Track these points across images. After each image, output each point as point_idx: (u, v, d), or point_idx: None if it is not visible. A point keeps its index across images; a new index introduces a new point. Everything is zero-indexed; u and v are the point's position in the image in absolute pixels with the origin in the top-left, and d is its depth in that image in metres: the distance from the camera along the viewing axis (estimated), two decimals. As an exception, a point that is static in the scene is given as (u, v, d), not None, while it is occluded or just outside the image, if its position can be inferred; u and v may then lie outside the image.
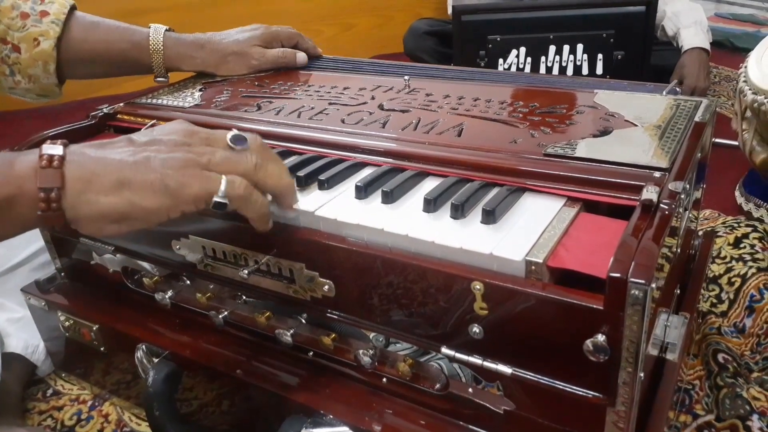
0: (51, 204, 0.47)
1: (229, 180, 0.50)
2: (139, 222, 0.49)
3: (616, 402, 0.45)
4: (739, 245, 1.00)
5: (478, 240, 0.49)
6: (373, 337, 0.59)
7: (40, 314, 0.83)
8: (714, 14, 2.75)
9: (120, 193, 0.48)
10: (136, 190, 0.48)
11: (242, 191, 0.50)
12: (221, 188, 0.49)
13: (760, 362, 0.83)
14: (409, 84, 0.80)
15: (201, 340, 0.69)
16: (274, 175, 0.53)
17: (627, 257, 0.42)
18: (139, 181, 0.48)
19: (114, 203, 0.48)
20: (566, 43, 1.53)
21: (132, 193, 0.48)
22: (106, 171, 0.48)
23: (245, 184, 0.50)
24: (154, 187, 0.48)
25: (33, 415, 0.84)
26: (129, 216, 0.48)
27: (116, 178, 0.48)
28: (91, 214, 0.48)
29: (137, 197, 0.48)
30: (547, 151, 0.58)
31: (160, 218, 0.49)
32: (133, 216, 0.48)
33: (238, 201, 0.50)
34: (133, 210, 0.48)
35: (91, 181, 0.48)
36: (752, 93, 1.01)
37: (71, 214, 0.48)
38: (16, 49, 0.81)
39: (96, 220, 0.48)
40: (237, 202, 0.50)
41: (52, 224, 0.48)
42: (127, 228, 0.49)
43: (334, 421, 0.57)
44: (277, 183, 0.53)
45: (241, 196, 0.50)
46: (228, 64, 0.89)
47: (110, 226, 0.49)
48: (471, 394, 0.54)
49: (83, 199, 0.47)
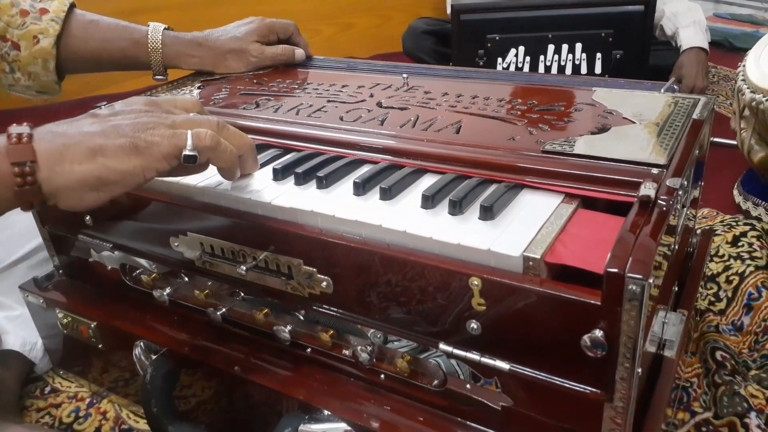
0: (26, 178, 0.48)
1: (195, 132, 0.52)
2: (118, 186, 0.51)
3: (614, 398, 0.46)
4: (737, 244, 1.00)
5: (475, 236, 0.49)
6: (371, 333, 0.59)
7: (38, 311, 0.83)
8: (713, 14, 2.75)
9: (94, 160, 0.49)
10: (109, 155, 0.50)
11: (209, 142, 0.53)
12: (188, 141, 0.52)
13: (758, 360, 0.83)
14: (407, 82, 0.80)
15: (199, 337, 0.69)
16: (237, 135, 0.57)
17: (624, 253, 0.42)
18: (110, 146, 0.50)
19: (90, 169, 0.49)
20: (565, 43, 1.53)
21: (105, 159, 0.50)
22: (76, 141, 0.50)
23: (211, 134, 0.53)
24: (125, 150, 0.50)
25: (31, 412, 0.84)
26: (107, 180, 0.50)
27: (88, 146, 0.50)
28: (69, 184, 0.49)
29: (111, 161, 0.50)
30: (545, 148, 0.58)
31: (137, 179, 0.51)
32: (111, 180, 0.50)
33: (207, 151, 0.53)
34: (110, 174, 0.50)
35: (63, 152, 0.49)
36: (750, 92, 1.02)
37: (48, 188, 0.49)
38: (16, 47, 0.81)
39: (74, 189, 0.50)
40: (206, 152, 0.53)
41: (30, 201, 0.49)
42: (106, 194, 0.51)
43: (332, 418, 0.57)
44: (240, 142, 0.57)
45: (209, 147, 0.53)
46: (226, 62, 0.89)
47: (89, 193, 0.50)
48: (469, 390, 0.54)
49: (58, 170, 0.49)
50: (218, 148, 0.54)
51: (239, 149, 0.57)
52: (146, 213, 0.67)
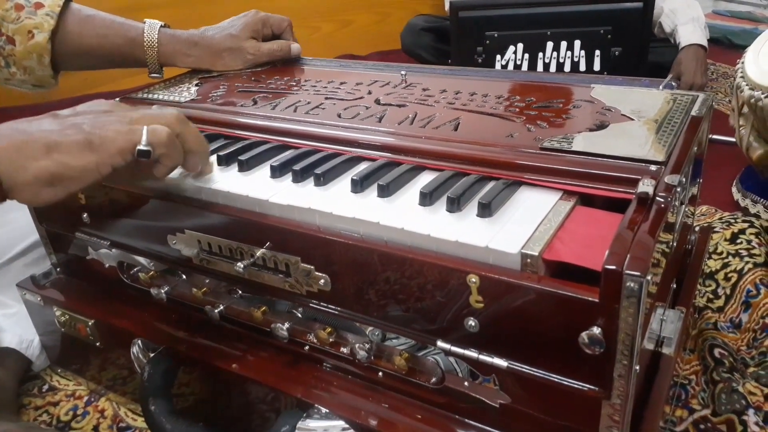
0: None
1: (151, 128, 0.53)
2: (73, 182, 0.52)
3: (612, 395, 0.45)
4: (736, 241, 1.00)
5: (473, 233, 0.48)
6: (369, 331, 0.59)
7: (36, 309, 0.83)
8: (711, 11, 2.75)
9: (50, 156, 0.50)
10: (64, 151, 0.51)
11: (164, 137, 0.54)
12: (143, 137, 0.53)
13: (756, 357, 0.83)
14: (405, 79, 0.80)
15: (197, 335, 0.69)
16: (194, 133, 0.58)
17: (622, 250, 0.42)
18: (66, 143, 0.51)
19: (45, 166, 0.50)
20: (564, 40, 1.53)
21: (60, 155, 0.51)
22: (33, 138, 0.51)
23: (167, 131, 0.54)
24: (80, 145, 0.51)
25: (28, 410, 0.84)
26: (62, 176, 0.51)
27: (44, 143, 0.51)
28: (25, 179, 0.50)
29: (66, 157, 0.51)
30: (544, 145, 0.58)
31: (92, 175, 0.52)
32: (66, 176, 0.51)
33: (161, 147, 0.54)
34: (65, 170, 0.51)
35: (20, 148, 0.50)
36: (749, 89, 1.01)
37: (7, 183, 0.50)
38: (11, 41, 0.80)
39: (30, 185, 0.50)
40: (160, 148, 0.54)
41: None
42: (62, 191, 0.52)
43: (329, 415, 0.57)
44: (195, 141, 0.58)
45: (163, 143, 0.54)
46: (223, 60, 0.89)
47: (45, 189, 0.51)
48: (467, 387, 0.54)
49: (16, 165, 0.50)
50: (173, 144, 0.55)
51: (194, 146, 0.58)
52: (144, 210, 0.67)
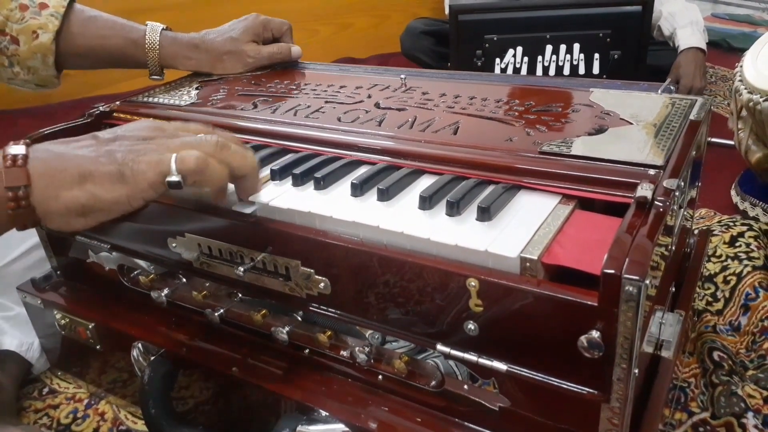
0: (20, 202, 0.47)
1: (179, 157, 0.50)
2: (103, 213, 0.50)
3: (611, 398, 0.46)
4: (735, 244, 1.00)
5: (473, 237, 0.49)
6: (369, 334, 0.59)
7: (36, 312, 0.83)
8: (710, 14, 2.76)
9: (82, 186, 0.49)
10: (97, 182, 0.49)
11: (194, 164, 0.50)
12: (171, 166, 0.49)
13: (755, 360, 0.83)
14: (405, 83, 0.80)
15: (197, 338, 0.69)
16: (238, 155, 0.53)
17: (621, 254, 0.42)
18: (99, 174, 0.49)
19: (77, 197, 0.49)
20: (563, 43, 1.53)
21: (93, 186, 0.49)
22: (67, 166, 0.49)
23: (196, 155, 0.50)
24: (112, 178, 0.49)
25: (29, 413, 0.84)
26: (93, 208, 0.49)
27: (78, 172, 0.49)
28: (57, 209, 0.49)
29: (98, 189, 0.49)
30: (543, 149, 0.58)
31: (123, 208, 0.50)
32: (97, 208, 0.49)
33: (192, 175, 0.50)
34: (96, 202, 0.49)
35: (54, 176, 0.48)
36: (748, 92, 1.02)
37: (40, 210, 0.49)
38: (15, 41, 0.81)
39: (63, 215, 0.49)
40: (192, 176, 0.50)
41: (23, 222, 0.49)
42: (93, 221, 0.50)
43: (329, 419, 0.57)
44: (241, 164, 0.53)
45: (193, 169, 0.50)
46: (223, 63, 0.89)
47: (77, 219, 0.50)
48: (466, 391, 0.54)
49: (48, 194, 0.48)
50: (206, 170, 0.51)
51: (239, 169, 0.53)
52: (144, 214, 0.66)
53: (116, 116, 0.80)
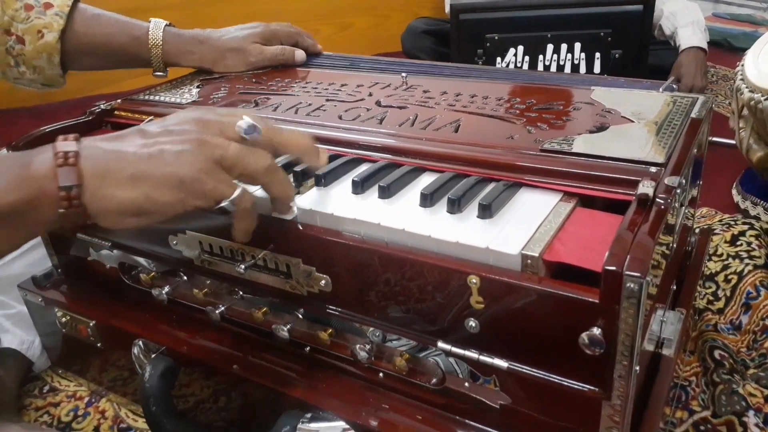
0: (72, 201, 0.47)
1: (241, 193, 0.50)
2: (156, 215, 0.49)
3: (612, 396, 0.46)
4: (736, 243, 1.00)
5: (474, 234, 0.49)
6: (370, 332, 0.59)
7: (37, 310, 0.83)
8: (712, 14, 2.76)
9: (137, 187, 0.48)
10: (152, 184, 0.48)
11: (248, 205, 0.51)
12: (233, 197, 0.50)
13: (756, 359, 0.83)
14: (406, 81, 0.80)
15: (198, 336, 0.69)
16: (281, 183, 0.54)
17: (622, 251, 0.42)
18: (155, 175, 0.48)
19: (131, 197, 0.48)
20: (564, 42, 1.53)
21: (148, 188, 0.48)
22: (121, 165, 0.48)
23: (253, 200, 0.52)
24: (169, 182, 0.48)
25: (29, 411, 0.84)
26: (146, 210, 0.49)
27: (132, 172, 0.48)
28: (111, 208, 0.48)
29: (153, 191, 0.48)
30: (544, 146, 0.58)
31: (176, 211, 0.49)
32: (151, 210, 0.49)
33: (241, 213, 0.52)
34: (150, 204, 0.48)
35: (107, 175, 0.48)
36: (749, 91, 1.02)
37: (92, 209, 0.48)
38: (21, 41, 0.81)
39: (115, 214, 0.48)
40: (240, 213, 0.52)
41: (74, 221, 0.48)
42: (146, 221, 0.49)
43: (330, 416, 0.57)
44: (280, 191, 0.54)
45: (246, 210, 0.52)
46: (226, 60, 0.89)
47: (129, 219, 0.49)
48: (467, 388, 0.54)
49: (101, 193, 0.47)
50: (252, 214, 0.52)
51: (278, 196, 0.54)
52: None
53: (117, 114, 0.81)
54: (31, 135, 0.73)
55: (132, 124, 0.75)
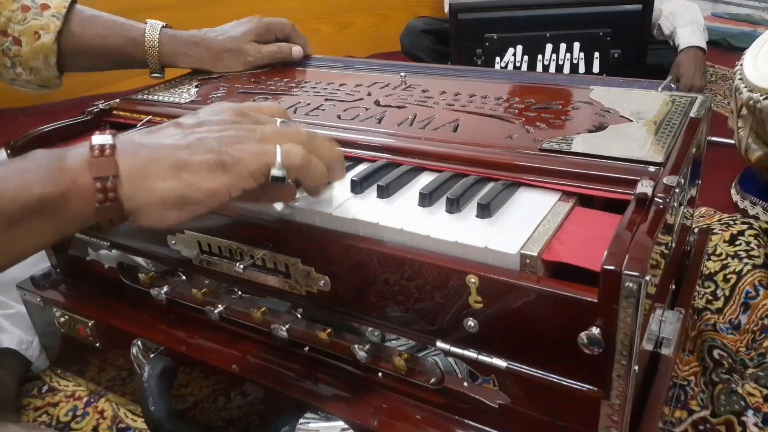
0: (108, 194, 0.45)
1: (285, 150, 0.48)
2: (201, 205, 0.47)
3: (611, 395, 0.46)
4: (735, 242, 1.00)
5: (473, 234, 0.49)
6: (369, 331, 0.59)
7: (36, 310, 0.83)
8: (711, 14, 2.76)
9: (178, 176, 0.46)
10: (194, 171, 0.46)
11: (300, 160, 0.48)
12: (278, 159, 0.47)
13: (755, 358, 0.83)
14: (405, 80, 0.80)
15: (197, 336, 0.69)
16: (327, 146, 0.52)
17: (621, 250, 0.42)
18: (195, 162, 0.46)
19: (173, 187, 0.46)
20: (563, 42, 1.53)
21: (190, 175, 0.46)
22: (160, 155, 0.46)
23: (302, 152, 0.49)
24: (211, 167, 0.46)
25: (28, 411, 0.84)
26: (190, 199, 0.47)
27: (172, 161, 0.46)
28: (151, 201, 0.46)
29: (195, 178, 0.46)
30: (543, 146, 0.58)
31: (222, 198, 0.47)
32: (195, 199, 0.47)
33: (296, 171, 0.49)
34: (194, 192, 0.46)
35: (146, 167, 0.46)
36: (748, 91, 1.02)
37: (130, 204, 0.46)
38: (17, 42, 0.81)
39: (157, 207, 0.46)
40: (295, 171, 0.49)
41: (110, 217, 0.46)
42: (189, 213, 0.47)
43: (329, 416, 0.57)
44: (329, 153, 0.52)
45: (299, 165, 0.49)
46: (223, 61, 0.89)
47: (172, 212, 0.47)
48: (466, 388, 0.54)
49: (141, 186, 0.46)
50: (309, 166, 0.49)
51: (328, 159, 0.52)
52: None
53: (116, 114, 0.80)
54: (30, 134, 0.73)
55: (130, 124, 0.76)
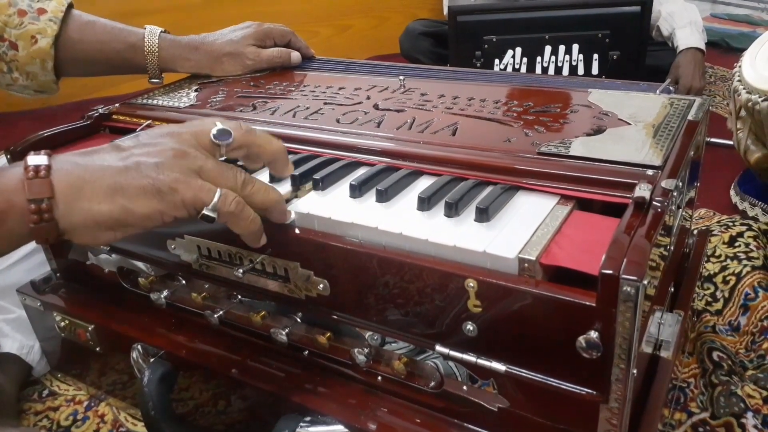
0: (43, 215, 0.46)
1: (223, 194, 0.49)
2: (133, 228, 0.48)
3: (610, 399, 0.46)
4: (734, 244, 1.00)
5: (471, 238, 0.49)
6: (369, 335, 0.59)
7: (36, 314, 0.83)
8: (710, 14, 2.76)
9: (113, 200, 0.47)
10: (129, 196, 0.47)
11: (233, 208, 0.49)
12: (214, 200, 0.48)
13: (754, 360, 0.83)
14: (404, 84, 0.80)
15: (196, 340, 0.69)
16: (261, 191, 0.52)
17: (619, 254, 0.43)
18: (132, 187, 0.47)
19: (108, 210, 0.47)
20: (562, 44, 1.53)
21: (125, 199, 0.47)
22: (95, 177, 0.47)
23: (237, 200, 0.50)
24: (146, 192, 0.47)
25: (29, 415, 0.84)
26: (124, 222, 0.48)
27: (108, 184, 0.47)
28: (86, 223, 0.47)
29: (131, 203, 0.47)
30: (541, 149, 0.58)
31: (154, 223, 0.48)
32: (128, 222, 0.48)
33: (226, 216, 0.50)
34: (128, 216, 0.47)
35: (82, 188, 0.47)
36: (746, 92, 1.02)
37: (64, 224, 0.47)
38: (14, 47, 0.81)
39: (91, 228, 0.47)
40: (226, 217, 0.50)
41: (45, 237, 0.47)
42: (122, 234, 0.49)
43: (329, 420, 0.57)
44: (264, 199, 0.52)
45: (231, 213, 0.49)
46: (222, 65, 0.89)
47: (105, 233, 0.48)
48: (465, 392, 0.54)
49: (75, 207, 0.46)
50: (240, 215, 0.50)
51: (262, 205, 0.52)
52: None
53: (115, 118, 0.81)
54: (30, 139, 0.74)
55: (130, 129, 0.76)
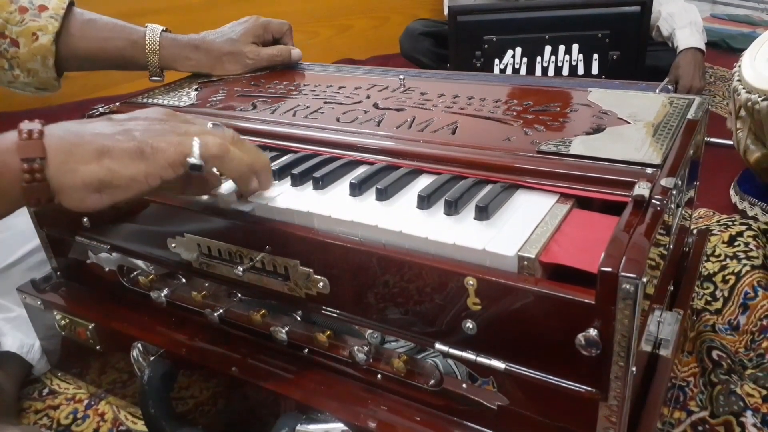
0: (35, 174, 0.47)
1: (203, 141, 0.51)
2: (120, 191, 0.50)
3: (609, 396, 0.46)
4: (734, 243, 1.01)
5: (471, 236, 0.49)
6: (368, 334, 0.59)
7: (36, 313, 0.83)
8: (709, 15, 2.76)
9: (100, 162, 0.49)
10: (115, 157, 0.49)
11: (216, 150, 0.51)
12: (195, 149, 0.50)
13: (753, 359, 0.83)
14: (404, 83, 0.81)
15: (196, 339, 0.70)
16: (252, 150, 0.54)
17: (618, 252, 0.43)
18: (118, 149, 0.49)
19: (95, 171, 0.48)
20: (562, 44, 1.53)
21: (111, 161, 0.49)
22: (85, 141, 0.49)
23: (219, 142, 0.52)
24: (131, 155, 0.49)
25: (29, 414, 0.84)
26: (110, 184, 0.49)
27: (96, 147, 0.49)
28: (74, 184, 0.48)
29: (116, 165, 0.49)
30: (541, 148, 0.58)
31: (141, 186, 0.50)
32: (114, 184, 0.49)
33: (213, 161, 0.52)
34: (114, 177, 0.49)
35: (71, 151, 0.48)
36: (746, 92, 1.02)
37: (55, 184, 0.48)
38: (15, 44, 0.81)
39: (78, 190, 0.49)
40: (212, 161, 0.52)
41: (37, 198, 0.49)
42: (109, 198, 0.50)
43: (329, 418, 0.57)
44: (255, 156, 0.54)
45: (215, 155, 0.51)
46: (223, 64, 0.90)
47: (92, 195, 0.49)
48: (465, 390, 0.54)
49: (65, 168, 0.48)
50: (226, 156, 0.52)
51: (252, 164, 0.55)
52: (144, 214, 0.67)
53: (116, 117, 0.81)
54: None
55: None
